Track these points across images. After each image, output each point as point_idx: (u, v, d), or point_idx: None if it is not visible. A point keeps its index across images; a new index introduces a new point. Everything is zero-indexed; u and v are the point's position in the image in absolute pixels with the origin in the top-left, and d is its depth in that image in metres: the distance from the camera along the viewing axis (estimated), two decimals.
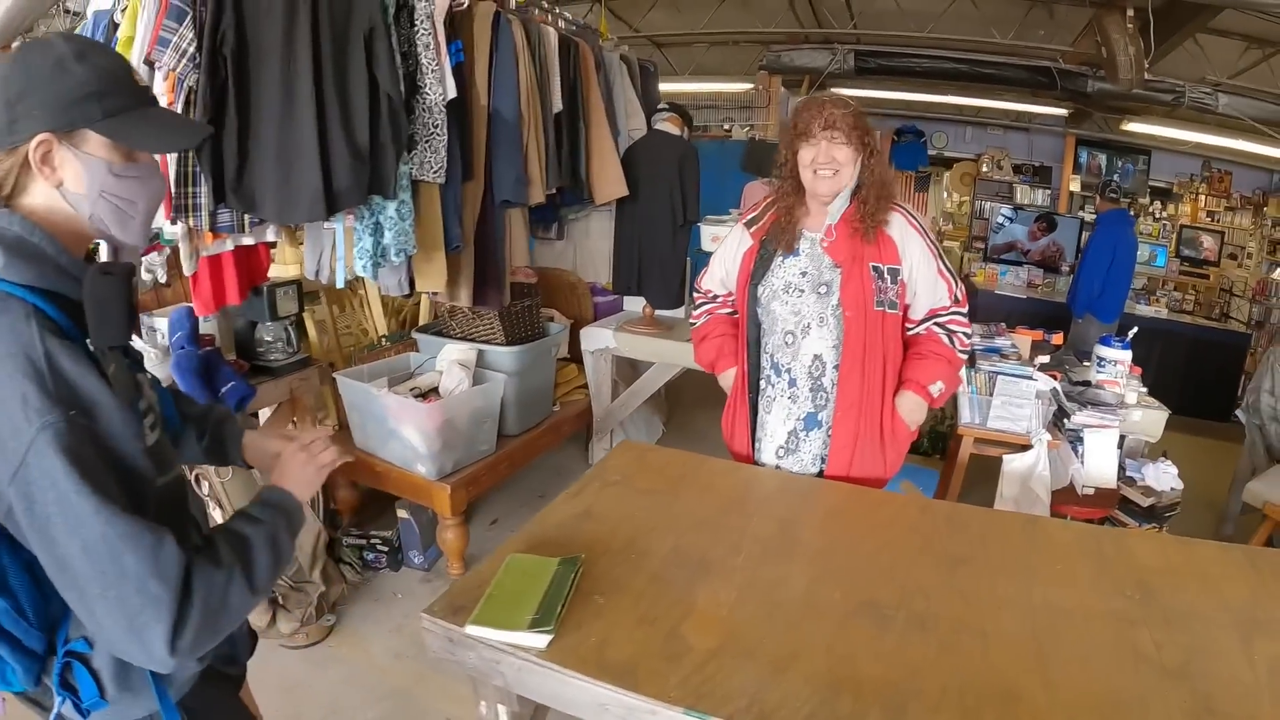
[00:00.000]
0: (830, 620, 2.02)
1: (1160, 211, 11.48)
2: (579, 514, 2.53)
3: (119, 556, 1.27)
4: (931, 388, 2.96)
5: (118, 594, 1.28)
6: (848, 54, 9.52)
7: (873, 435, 2.98)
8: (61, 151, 1.43)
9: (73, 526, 1.26)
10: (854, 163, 2.82)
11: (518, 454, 4.92)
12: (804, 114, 2.84)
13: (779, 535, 2.46)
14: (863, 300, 2.85)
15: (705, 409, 6.86)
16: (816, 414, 3.02)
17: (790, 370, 3.01)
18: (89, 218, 1.49)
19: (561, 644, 1.88)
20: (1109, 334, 4.39)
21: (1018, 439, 4.07)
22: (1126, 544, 2.47)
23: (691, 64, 11.63)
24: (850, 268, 2.86)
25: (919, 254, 2.88)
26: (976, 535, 2.49)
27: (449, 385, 4.43)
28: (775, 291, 2.97)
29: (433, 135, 3.75)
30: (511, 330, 4.80)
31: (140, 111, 1.51)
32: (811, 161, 2.81)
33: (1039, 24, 8.89)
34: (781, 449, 3.08)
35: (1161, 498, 3.98)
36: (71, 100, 1.41)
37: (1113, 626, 2.01)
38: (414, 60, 3.66)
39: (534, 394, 5.09)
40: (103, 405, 1.36)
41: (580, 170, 5.18)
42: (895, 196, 2.92)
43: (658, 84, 6.67)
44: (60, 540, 1.27)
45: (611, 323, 5.64)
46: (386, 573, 4.59)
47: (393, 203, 3.65)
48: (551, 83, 4.73)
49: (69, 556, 1.28)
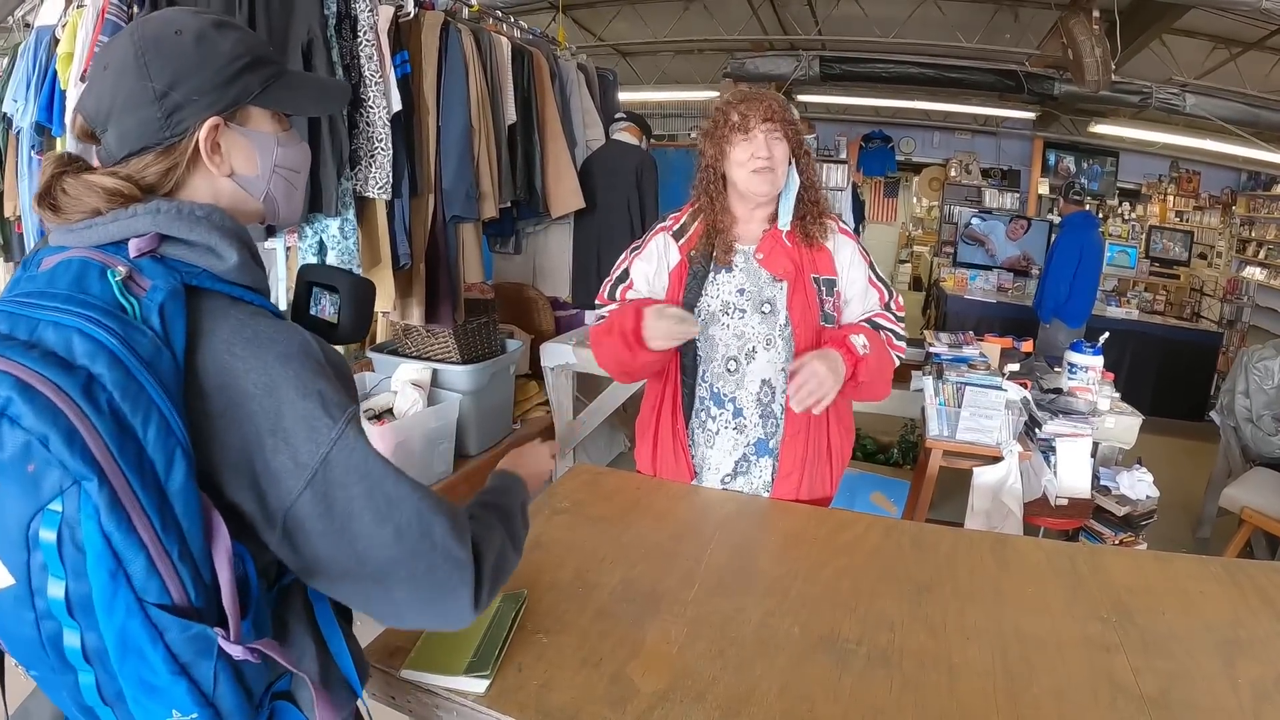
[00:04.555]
0: (786, 657, 1.90)
1: (1129, 213, 11.50)
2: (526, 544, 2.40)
3: (429, 530, 1.26)
4: (854, 339, 2.54)
5: (428, 565, 1.26)
6: (813, 60, 9.52)
7: (819, 455, 2.75)
8: (229, 135, 1.32)
9: (385, 512, 1.23)
10: (787, 161, 2.58)
11: (477, 474, 4.76)
12: (740, 107, 2.56)
13: (734, 564, 2.34)
14: (810, 317, 2.63)
15: None
16: (767, 440, 2.75)
17: (735, 399, 2.73)
18: (264, 199, 1.40)
19: (501, 687, 1.78)
20: (1078, 339, 4.31)
21: (988, 451, 3.97)
22: (1101, 562, 2.37)
23: (656, 73, 11.64)
24: (794, 281, 2.63)
25: (852, 261, 2.69)
26: (944, 558, 2.38)
27: (403, 406, 4.32)
28: (714, 314, 2.68)
29: (376, 150, 3.65)
30: (467, 348, 4.69)
31: (287, 76, 1.40)
32: (750, 159, 2.53)
33: (1005, 28, 8.94)
34: (728, 476, 2.81)
35: (1137, 506, 3.91)
36: (230, 76, 1.28)
37: (1088, 654, 1.91)
38: (356, 73, 3.55)
39: (493, 412, 4.99)
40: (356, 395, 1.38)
41: (536, 182, 5.10)
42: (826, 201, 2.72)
43: (617, 93, 6.63)
44: (366, 533, 1.22)
45: (571, 338, 5.49)
46: None
47: (335, 220, 3.56)
48: (505, 94, 4.65)
49: (375, 547, 1.23)
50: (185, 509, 1.10)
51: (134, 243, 1.19)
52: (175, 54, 1.24)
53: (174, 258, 1.21)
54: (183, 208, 1.23)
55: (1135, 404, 4.31)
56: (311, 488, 1.18)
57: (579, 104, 5.68)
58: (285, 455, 1.18)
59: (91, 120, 1.29)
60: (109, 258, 1.16)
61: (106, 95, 1.25)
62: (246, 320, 1.21)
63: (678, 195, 5.45)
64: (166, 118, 1.24)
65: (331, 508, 1.20)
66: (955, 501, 4.20)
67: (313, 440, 1.19)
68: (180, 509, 1.09)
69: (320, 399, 1.20)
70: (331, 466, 1.19)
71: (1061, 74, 8.55)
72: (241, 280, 1.26)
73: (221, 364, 1.16)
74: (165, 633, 1.09)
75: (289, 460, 1.18)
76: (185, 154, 1.27)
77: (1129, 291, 10.66)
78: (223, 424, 1.16)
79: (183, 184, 1.30)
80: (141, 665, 1.09)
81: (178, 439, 1.09)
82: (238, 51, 1.29)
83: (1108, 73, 7.39)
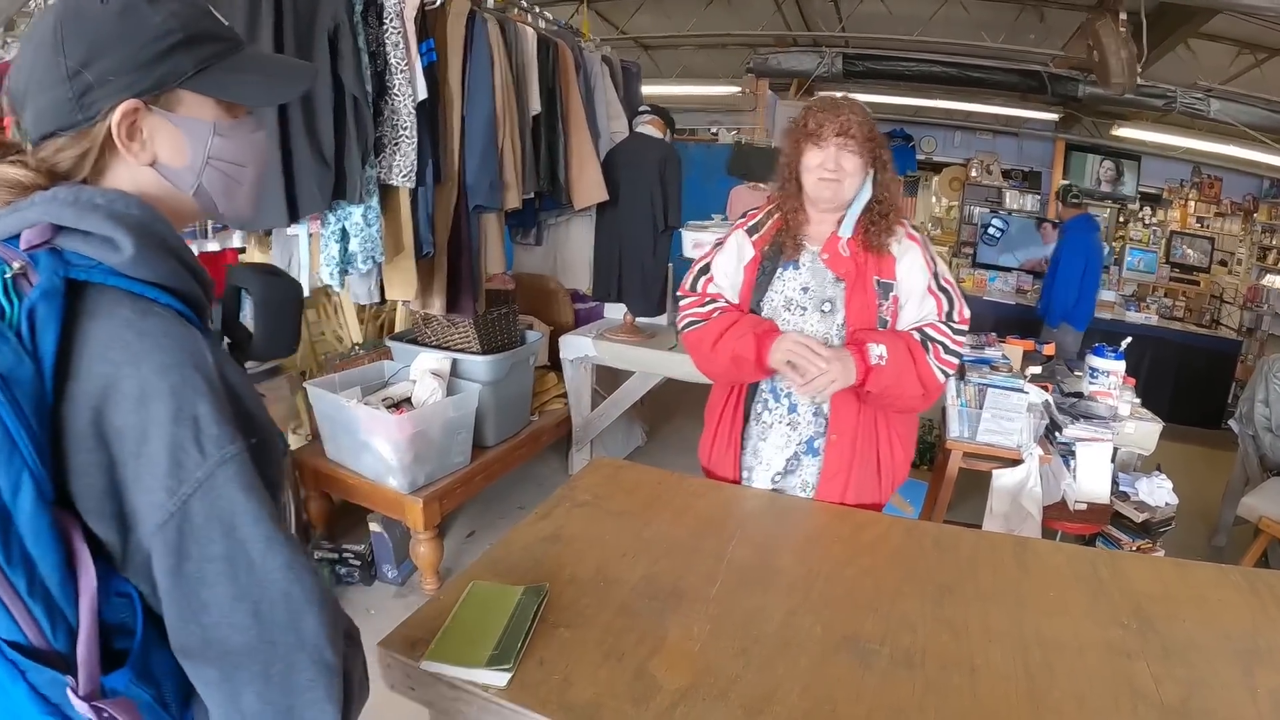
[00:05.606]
0: (809, 656, 1.90)
1: (1150, 217, 11.43)
2: (547, 537, 2.41)
3: (299, 619, 1.08)
4: (872, 347, 2.57)
5: (288, 665, 1.07)
6: (836, 57, 9.45)
7: (868, 459, 2.77)
8: (152, 120, 1.17)
9: (245, 585, 1.05)
10: (861, 174, 2.63)
11: (494, 465, 4.81)
12: (817, 115, 2.62)
13: (757, 561, 2.33)
14: (868, 319, 2.67)
15: (687, 419, 6.78)
16: (815, 440, 2.81)
17: (790, 394, 2.80)
18: (194, 193, 1.26)
19: (522, 681, 1.77)
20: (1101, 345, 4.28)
21: (1008, 453, 3.96)
22: (1121, 567, 2.37)
23: (678, 66, 11.58)
24: (854, 283, 2.67)
25: (912, 267, 2.68)
26: (965, 559, 2.38)
27: (422, 396, 4.32)
28: (776, 308, 2.76)
29: (401, 138, 3.65)
30: (487, 338, 4.69)
31: (235, 57, 1.25)
32: (818, 165, 2.60)
33: (1029, 28, 8.88)
34: (779, 475, 2.87)
35: (1155, 513, 3.88)
36: (155, 55, 1.14)
37: (1109, 660, 1.91)
38: (382, 60, 3.56)
39: (511, 404, 4.99)
40: (264, 429, 1.19)
41: (559, 174, 5.09)
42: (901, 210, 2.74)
43: (640, 86, 6.61)
44: (217, 606, 1.05)
45: (591, 330, 5.53)
46: (359, 588, 4.46)
47: (359, 208, 3.55)
48: (529, 84, 4.63)
49: (226, 627, 1.05)
50: (35, 539, 0.99)
51: (25, 234, 1.08)
52: (94, 27, 1.12)
53: (70, 250, 1.08)
54: (81, 195, 1.10)
55: (1153, 410, 4.30)
56: (163, 534, 1.04)
57: (603, 96, 5.65)
58: (144, 486, 1.04)
59: (13, 100, 1.19)
60: (8, 251, 1.07)
61: (24, 72, 1.16)
62: (133, 320, 1.07)
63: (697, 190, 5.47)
64: (78, 99, 1.12)
65: (182, 565, 1.04)
66: (971, 503, 4.19)
67: (174, 476, 1.03)
68: (29, 539, 0.98)
69: (194, 427, 1.05)
70: (191, 514, 1.04)
71: (1086, 76, 8.49)
72: (140, 274, 1.09)
73: (95, 369, 1.04)
74: (26, 673, 1.01)
75: (146, 495, 1.04)
76: (98, 139, 1.16)
77: (1148, 297, 10.59)
78: (88, 441, 1.03)
79: (102, 171, 1.19)
80: (6, 702, 1.02)
81: (24, 460, 0.98)
82: (168, 27, 1.15)
83: (1133, 76, 7.34)
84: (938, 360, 2.63)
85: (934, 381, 2.64)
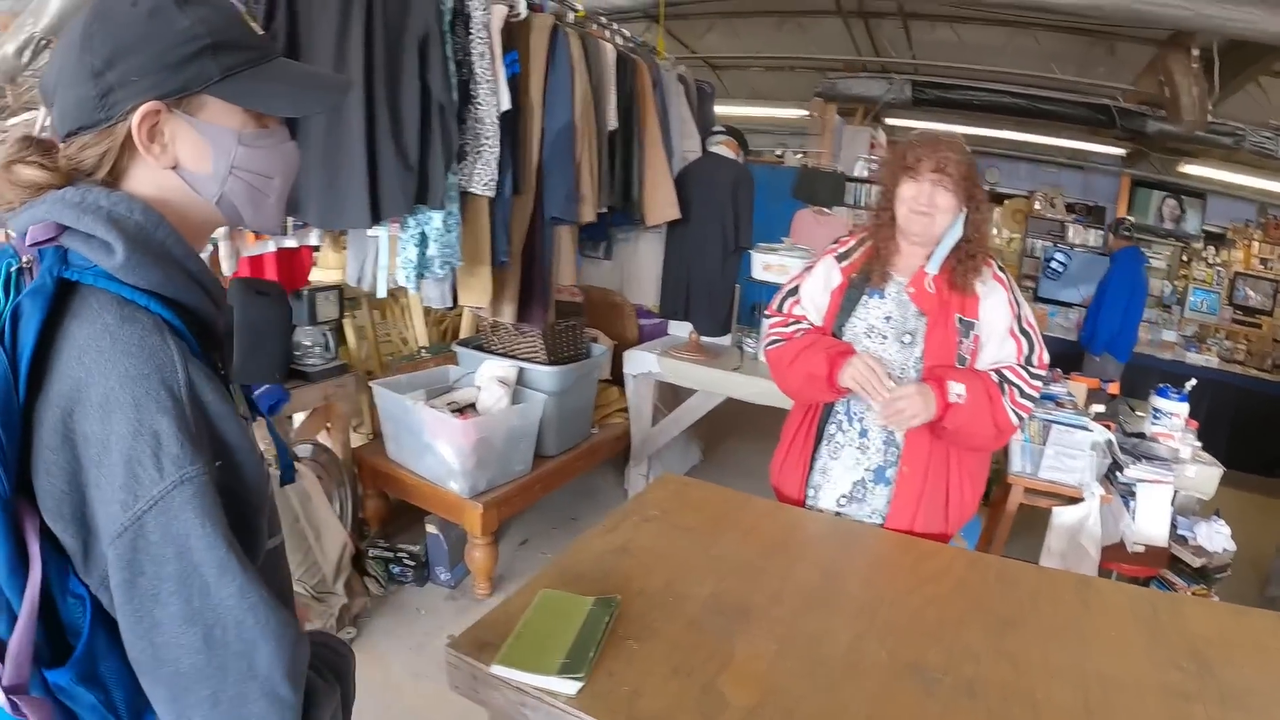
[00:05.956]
0: (874, 681, 1.91)
1: (1213, 257, 11.28)
2: (615, 549, 2.43)
3: (253, 649, 1.05)
4: (952, 385, 2.60)
5: (238, 694, 1.05)
6: (905, 84, 9.43)
7: (938, 494, 2.78)
8: (174, 123, 1.17)
9: (196, 610, 1.03)
10: (954, 212, 2.66)
11: (553, 476, 4.84)
12: (916, 149, 2.68)
13: (822, 584, 2.35)
14: (947, 355, 2.70)
15: (744, 440, 6.79)
16: (885, 469, 2.82)
17: (863, 420, 2.83)
18: (216, 202, 1.24)
19: (592, 691, 1.79)
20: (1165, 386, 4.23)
21: (1069, 491, 3.93)
22: (1180, 610, 2.36)
23: (745, 88, 11.57)
24: (936, 317, 2.70)
25: (997, 307, 2.71)
26: (1027, 594, 2.38)
27: (487, 402, 4.36)
28: (857, 334, 2.80)
29: (483, 147, 3.69)
30: (554, 349, 4.72)
31: (264, 66, 1.24)
32: (912, 199, 2.66)
33: (1099, 61, 8.78)
34: (844, 498, 2.89)
35: (1212, 559, 3.84)
36: (180, 59, 1.14)
37: (1167, 702, 1.90)
38: (468, 69, 3.60)
39: (573, 415, 5.01)
40: (243, 453, 1.15)
41: (633, 190, 5.10)
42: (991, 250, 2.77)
43: (713, 106, 6.61)
44: (168, 625, 1.02)
45: (656, 347, 5.55)
46: (411, 587, 4.51)
47: (439, 214, 3.59)
48: (607, 99, 4.66)
49: (176, 648, 1.03)
50: None
51: (31, 230, 1.09)
52: (121, 28, 1.12)
53: (73, 249, 1.10)
54: (87, 196, 1.11)
55: (1209, 454, 4.24)
56: (117, 547, 1.02)
57: (678, 114, 5.66)
58: (104, 496, 1.03)
59: (43, 95, 1.20)
60: (23, 246, 1.10)
61: (54, 69, 1.17)
62: (113, 326, 1.06)
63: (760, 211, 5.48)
64: (101, 97, 1.12)
65: (135, 580, 1.02)
66: (1023, 540, 4.16)
67: (130, 491, 1.01)
68: None
69: (154, 442, 1.02)
70: (145, 531, 1.01)
71: (1155, 111, 8.40)
72: (130, 279, 1.09)
73: (69, 371, 1.04)
74: None
75: (104, 505, 1.03)
76: (119, 139, 1.15)
77: (1210, 338, 10.46)
78: (55, 440, 1.03)
79: (124, 172, 1.19)
80: None
81: None
82: (196, 32, 1.14)
83: (1204, 113, 7.26)
84: (1013, 403, 2.65)
85: (1008, 424, 2.66)
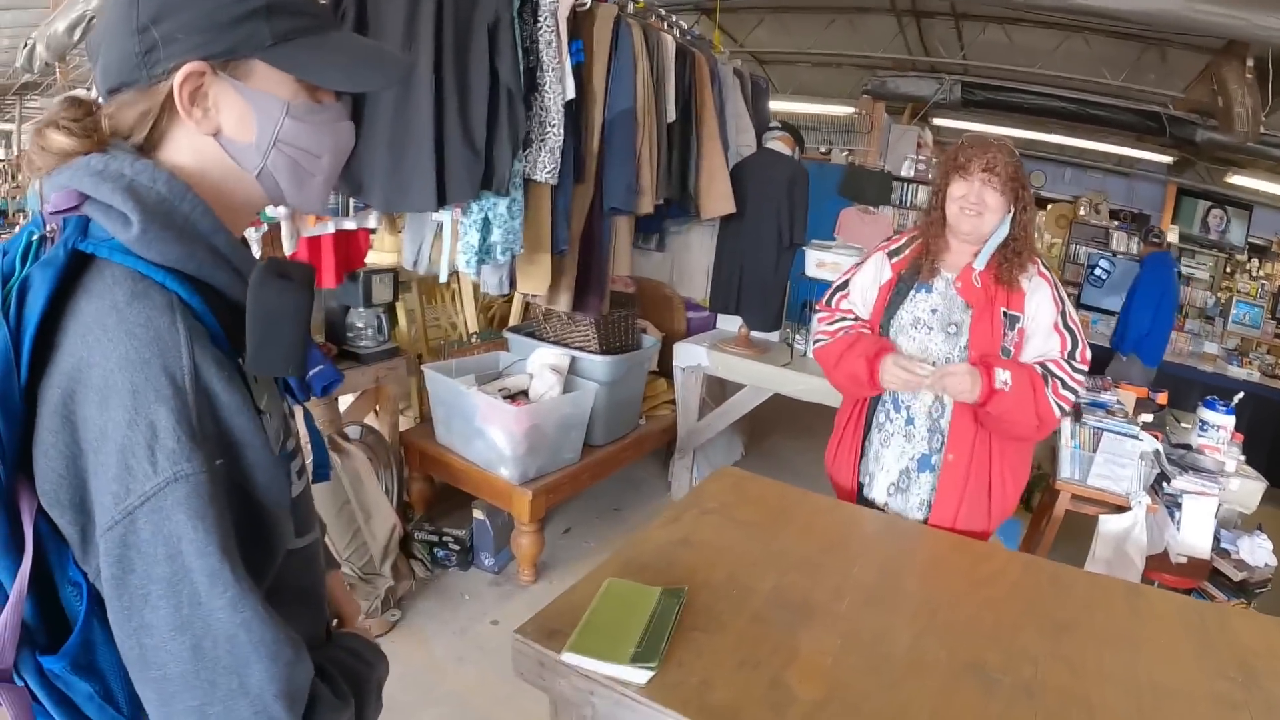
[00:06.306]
0: (935, 680, 1.94)
1: (1257, 269, 11.19)
2: (677, 541, 2.45)
3: (245, 666, 0.98)
4: (999, 372, 2.72)
5: (225, 710, 0.98)
6: (955, 85, 9.41)
7: (981, 485, 2.90)
8: (220, 86, 1.10)
9: (186, 618, 0.96)
10: (1002, 211, 2.79)
11: (601, 465, 4.86)
12: (967, 150, 2.82)
13: (882, 583, 2.38)
14: (990, 345, 2.80)
15: (786, 437, 6.82)
16: (930, 456, 2.96)
17: (910, 408, 2.97)
18: (258, 175, 1.17)
19: (661, 681, 1.80)
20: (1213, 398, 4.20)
21: (1116, 499, 3.93)
22: (1227, 622, 2.39)
23: (793, 83, 11.58)
24: (981, 310, 2.82)
25: (1042, 303, 2.83)
26: (1080, 600, 2.41)
27: (540, 390, 4.38)
28: (903, 326, 2.94)
29: (548, 134, 3.69)
30: (606, 339, 4.75)
31: (322, 35, 1.17)
32: (961, 197, 2.80)
33: (1151, 67, 8.73)
34: (893, 486, 3.02)
35: (1254, 573, 3.82)
36: (231, 19, 1.07)
37: (1216, 711, 1.94)
38: (535, 57, 3.60)
39: (623, 406, 5.03)
40: (254, 451, 1.06)
41: (689, 183, 5.09)
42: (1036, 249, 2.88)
43: (769, 101, 6.59)
44: (157, 629, 0.96)
45: (705, 340, 5.55)
46: (455, 572, 4.53)
47: (504, 200, 3.60)
48: (667, 91, 4.65)
49: (163, 651, 0.97)
50: None
51: (54, 198, 1.04)
52: None
53: (95, 220, 1.03)
54: (111, 164, 1.04)
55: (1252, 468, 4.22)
56: (107, 540, 0.96)
57: (734, 109, 5.64)
58: (99, 485, 0.97)
59: (89, 53, 1.14)
60: (51, 215, 1.04)
61: (102, 25, 1.11)
62: (121, 303, 0.99)
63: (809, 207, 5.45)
64: (144, 54, 1.05)
65: (126, 578, 0.96)
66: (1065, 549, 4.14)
67: (121, 484, 0.95)
68: None
69: (149, 434, 0.95)
70: (137, 528, 0.95)
71: (1205, 120, 8.34)
72: (146, 254, 1.02)
73: (74, 349, 0.98)
74: None
75: (98, 494, 0.97)
76: (159, 99, 1.08)
77: (1251, 352, 10.38)
78: (56, 421, 0.97)
79: (163, 137, 1.11)
80: None
81: None
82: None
83: (1257, 124, 7.22)
84: (1055, 395, 2.75)
85: (1050, 415, 2.77)
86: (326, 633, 1.41)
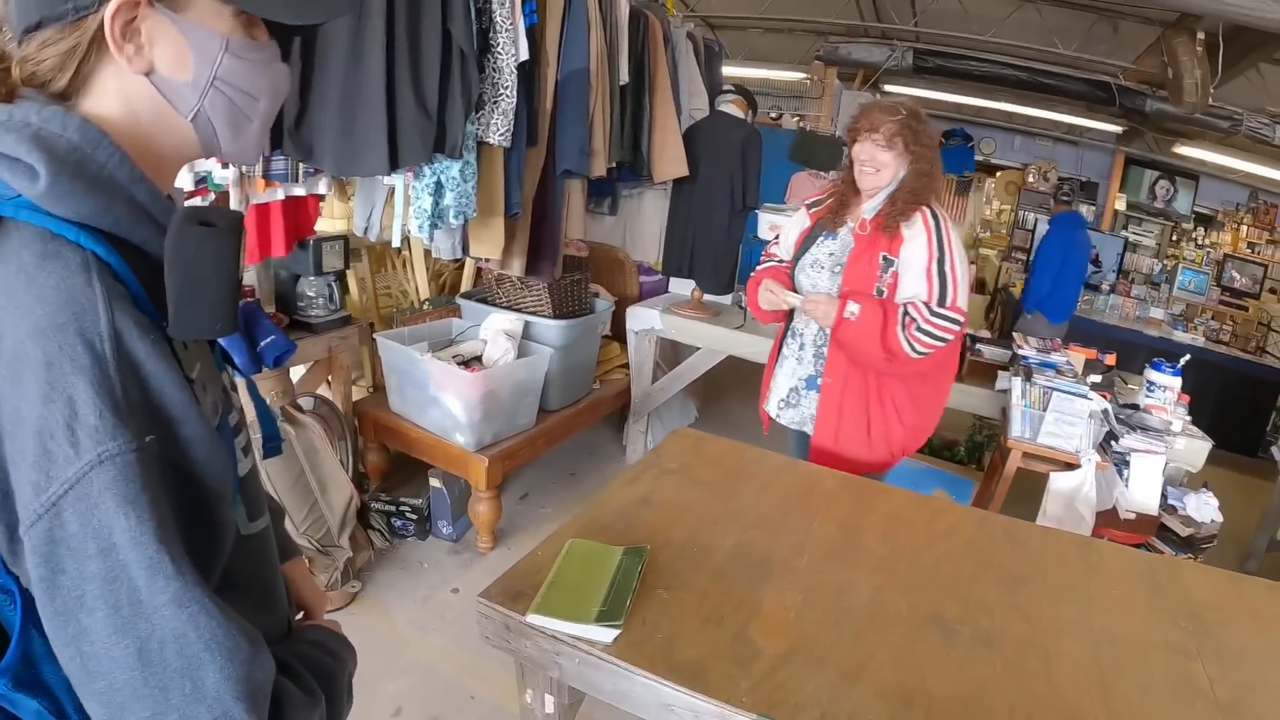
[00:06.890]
0: (896, 631, 2.00)
1: (1203, 238, 11.34)
2: (637, 501, 2.48)
3: (197, 668, 0.88)
4: (850, 304, 3.04)
5: (182, 719, 0.88)
6: (906, 51, 9.40)
7: (858, 411, 3.24)
8: (154, 19, 0.98)
9: (126, 619, 0.85)
10: (895, 167, 3.10)
11: (556, 430, 4.86)
12: (860, 115, 3.17)
13: (841, 538, 2.43)
14: (864, 284, 3.11)
15: (737, 399, 6.86)
16: (815, 378, 3.35)
17: (802, 335, 3.40)
18: (193, 119, 1.05)
19: (627, 639, 1.83)
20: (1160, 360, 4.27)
21: (1066, 457, 4.00)
22: (1178, 574, 2.49)
23: (745, 48, 11.52)
24: (860, 252, 3.15)
25: (916, 250, 3.07)
26: (1034, 553, 2.50)
27: (494, 355, 4.35)
28: (804, 266, 3.32)
29: (501, 96, 3.64)
30: (560, 303, 4.72)
31: None
32: (858, 158, 3.14)
33: (1102, 38, 8.78)
34: (783, 402, 3.47)
35: (1200, 529, 3.90)
36: None
37: (1169, 658, 2.02)
38: (488, 17, 3.54)
39: (577, 370, 5.02)
40: (190, 425, 0.94)
41: (642, 146, 5.08)
42: (929, 202, 3.12)
43: (722, 65, 6.59)
44: (97, 634, 0.85)
45: (659, 303, 5.54)
46: (414, 541, 4.51)
47: (457, 163, 3.56)
48: (620, 53, 4.62)
49: (105, 659, 0.86)
50: None
51: None
52: None
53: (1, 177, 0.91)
54: (14, 113, 0.92)
55: None
56: (32, 537, 0.85)
57: (687, 72, 5.62)
58: (19, 474, 0.86)
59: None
60: None
61: None
62: (30, 265, 0.89)
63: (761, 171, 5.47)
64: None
65: (56, 578, 0.85)
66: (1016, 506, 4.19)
67: (41, 470, 0.84)
68: None
69: (67, 411, 0.84)
70: (63, 521, 0.84)
71: (1154, 91, 8.41)
72: (56, 209, 0.91)
73: None
74: None
75: (18, 485, 0.87)
76: (88, 34, 0.95)
77: (1196, 318, 10.52)
78: None
79: (87, 80, 0.99)
80: None
81: None
82: None
83: (1206, 96, 7.27)
84: (908, 334, 3.01)
85: (899, 350, 3.03)
86: (289, 627, 1.33)
